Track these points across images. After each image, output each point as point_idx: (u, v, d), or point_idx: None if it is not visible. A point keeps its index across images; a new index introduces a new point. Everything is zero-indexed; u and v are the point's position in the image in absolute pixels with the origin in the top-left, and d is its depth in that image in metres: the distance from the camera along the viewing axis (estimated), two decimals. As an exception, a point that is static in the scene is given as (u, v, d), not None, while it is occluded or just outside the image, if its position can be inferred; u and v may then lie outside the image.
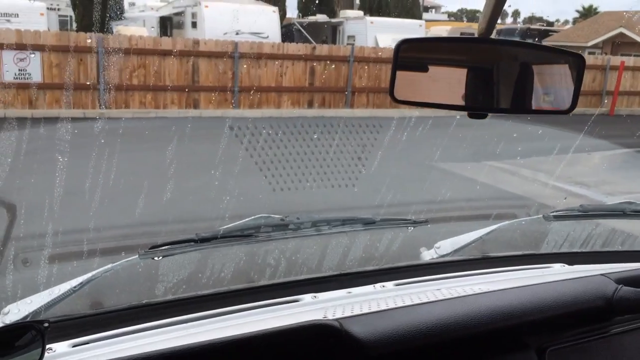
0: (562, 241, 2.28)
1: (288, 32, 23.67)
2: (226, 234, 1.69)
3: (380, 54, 15.83)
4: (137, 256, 1.58)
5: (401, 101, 1.11)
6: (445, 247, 2.08)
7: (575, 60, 1.18)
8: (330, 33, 24.61)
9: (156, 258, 1.62)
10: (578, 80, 1.15)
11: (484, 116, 1.12)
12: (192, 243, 1.63)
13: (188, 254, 1.58)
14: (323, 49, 15.56)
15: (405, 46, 1.09)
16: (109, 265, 1.53)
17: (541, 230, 2.40)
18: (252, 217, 1.71)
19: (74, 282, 1.53)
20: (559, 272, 1.81)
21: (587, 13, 46.84)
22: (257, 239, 1.72)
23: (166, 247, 1.60)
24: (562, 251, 2.24)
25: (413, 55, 1.12)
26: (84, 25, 22.38)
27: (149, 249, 1.56)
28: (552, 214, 2.18)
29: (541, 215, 2.16)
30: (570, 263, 1.89)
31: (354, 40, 21.59)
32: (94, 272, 1.52)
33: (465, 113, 1.14)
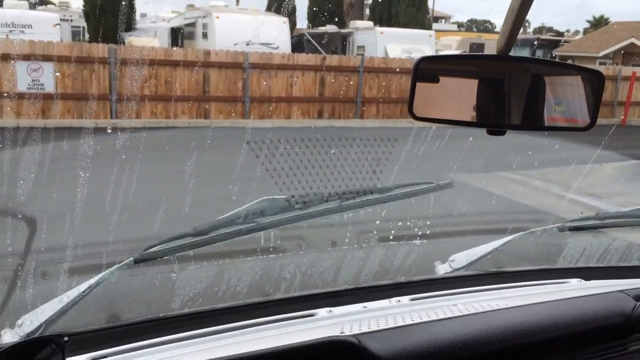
0: (578, 255, 2.27)
1: (298, 43, 23.78)
2: (227, 222, 1.58)
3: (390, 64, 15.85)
4: (131, 259, 1.52)
5: (420, 118, 1.11)
6: (459, 260, 2.07)
7: (593, 77, 1.18)
8: (340, 43, 24.69)
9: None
10: (597, 97, 1.15)
11: (502, 133, 1.12)
12: (189, 237, 1.55)
13: (204, 268, 1.58)
14: (333, 60, 15.62)
15: (424, 64, 1.10)
16: (111, 269, 1.51)
17: (556, 242, 2.38)
18: (255, 201, 1.59)
19: (82, 287, 1.52)
20: (575, 287, 1.80)
21: (598, 23, 46.71)
22: (260, 224, 1.59)
23: (161, 246, 1.55)
24: (578, 266, 2.22)
25: (432, 73, 1.12)
26: (96, 36, 22.62)
27: (144, 250, 1.52)
28: (567, 224, 2.16)
29: (556, 226, 2.15)
30: (587, 278, 1.88)
31: (364, 51, 21.64)
32: (96, 278, 1.52)
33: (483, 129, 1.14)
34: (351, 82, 15.46)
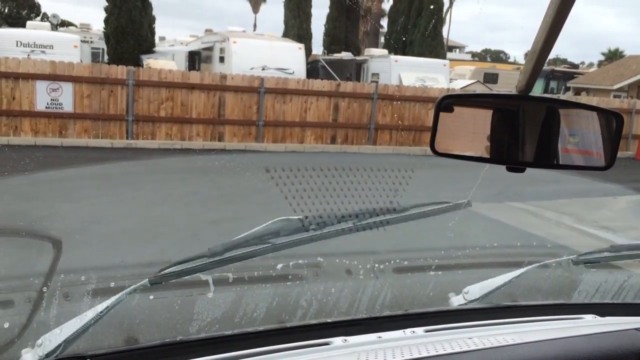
0: (592, 290, 2.26)
1: (313, 69, 24.02)
2: (241, 243, 1.58)
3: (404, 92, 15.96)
4: (146, 280, 1.55)
5: (441, 154, 1.14)
6: (473, 292, 2.07)
7: (613, 118, 1.20)
8: (355, 70, 24.91)
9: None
10: (616, 138, 1.17)
11: (522, 170, 1.15)
12: (204, 259, 1.56)
13: (222, 293, 1.60)
14: (347, 86, 15.76)
15: (447, 102, 1.13)
16: (126, 290, 1.53)
17: (571, 276, 2.38)
18: (269, 222, 1.59)
19: (99, 307, 1.55)
20: (590, 323, 1.79)
21: (613, 56, 46.79)
22: (275, 245, 1.61)
23: (176, 268, 1.56)
24: (593, 301, 2.21)
25: (454, 110, 1.15)
26: (115, 57, 23.02)
27: (159, 272, 1.53)
28: (582, 257, 2.16)
29: (570, 258, 2.14)
30: (602, 314, 1.87)
31: (378, 78, 21.80)
32: (112, 299, 1.54)
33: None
34: (365, 109, 15.56)
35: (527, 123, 1.12)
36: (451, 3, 37.79)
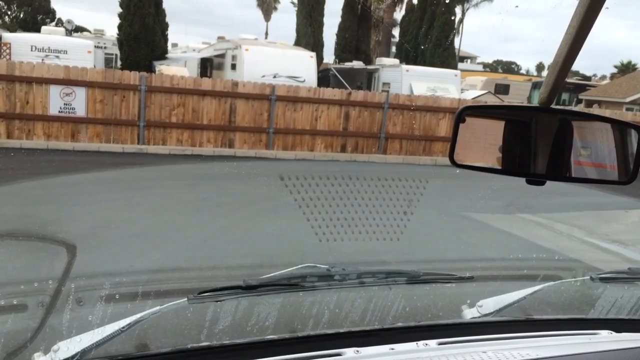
0: (608, 306, 2.23)
1: (324, 77, 24.08)
2: (273, 281, 1.71)
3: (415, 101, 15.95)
4: (186, 300, 1.61)
5: (461, 165, 1.12)
6: (487, 306, 2.05)
7: (633, 131, 1.18)
8: (366, 79, 24.95)
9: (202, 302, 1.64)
10: (638, 151, 1.15)
11: (542, 183, 1.13)
12: (239, 290, 1.66)
13: (234, 300, 1.59)
14: (358, 95, 15.76)
15: (467, 113, 1.12)
16: (157, 308, 1.56)
17: (586, 292, 2.35)
18: (299, 266, 1.74)
19: (123, 322, 1.55)
20: (606, 339, 1.76)
21: (625, 69, 46.54)
22: (303, 287, 1.73)
23: (214, 293, 1.63)
24: (609, 317, 2.18)
25: (474, 122, 1.14)
26: (129, 63, 23.21)
27: (198, 294, 1.60)
28: (599, 276, 2.14)
29: (589, 277, 2.12)
30: (618, 330, 1.84)
31: (389, 87, 21.82)
32: (142, 314, 1.55)
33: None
34: (375, 118, 15.56)
35: (554, 136, 1.10)
36: (463, 14, 37.82)
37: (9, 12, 56.30)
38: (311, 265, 1.75)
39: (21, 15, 54.99)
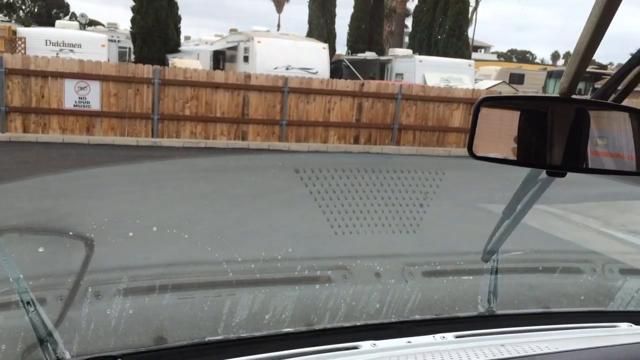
0: (628, 298, 2.20)
1: (337, 68, 24.02)
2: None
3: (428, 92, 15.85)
4: None
5: (480, 157, 1.11)
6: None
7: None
8: (379, 70, 24.84)
9: None
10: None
11: (563, 175, 1.11)
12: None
13: (250, 294, 1.59)
14: (371, 86, 15.70)
15: (486, 104, 1.10)
16: None
17: (604, 284, 2.32)
18: None
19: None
20: (626, 332, 1.74)
21: (642, 57, 45.81)
22: None
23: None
24: (628, 309, 2.16)
25: (493, 113, 1.13)
26: (142, 56, 23.31)
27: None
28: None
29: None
30: (638, 322, 1.82)
31: (402, 78, 21.72)
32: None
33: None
34: (389, 109, 15.49)
35: (570, 126, 1.08)
36: (477, 3, 37.44)
37: (24, 7, 56.78)
38: None
39: (35, 10, 55.43)
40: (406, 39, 35.84)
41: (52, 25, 24.67)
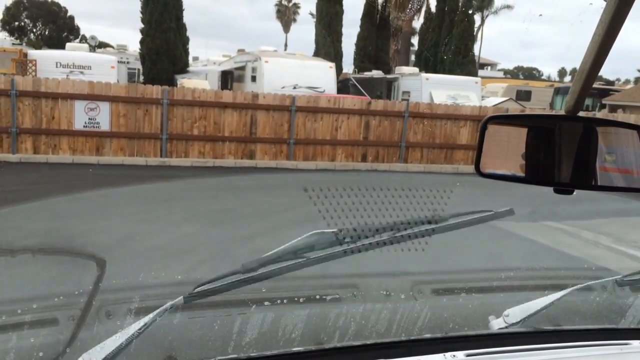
0: (639, 314, 2.19)
1: (344, 87, 24.13)
2: (274, 258, 1.55)
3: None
4: (182, 298, 1.53)
5: (487, 175, 1.12)
6: (514, 315, 2.02)
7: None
8: (385, 88, 24.94)
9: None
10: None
11: (571, 192, 1.12)
12: (238, 275, 1.54)
13: (260, 313, 1.59)
14: (378, 104, 15.76)
15: (492, 122, 1.11)
16: (161, 308, 1.51)
17: (615, 299, 2.31)
18: (302, 237, 1.55)
19: (135, 326, 1.55)
20: (638, 350, 1.73)
21: (650, 72, 45.75)
22: (311, 259, 1.56)
23: (211, 284, 1.53)
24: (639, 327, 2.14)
25: (500, 131, 1.14)
26: (151, 77, 23.55)
27: (194, 289, 1.52)
28: (625, 278, 2.10)
29: (614, 279, 2.08)
30: (650, 340, 1.80)
31: (409, 96, 21.78)
32: (148, 317, 1.53)
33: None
34: (396, 127, 15.52)
35: (578, 143, 1.09)
36: (482, 21, 37.64)
37: (35, 30, 57.65)
38: (317, 232, 1.55)
39: (46, 33, 56.27)
40: (412, 58, 36.03)
41: (63, 47, 25.02)
